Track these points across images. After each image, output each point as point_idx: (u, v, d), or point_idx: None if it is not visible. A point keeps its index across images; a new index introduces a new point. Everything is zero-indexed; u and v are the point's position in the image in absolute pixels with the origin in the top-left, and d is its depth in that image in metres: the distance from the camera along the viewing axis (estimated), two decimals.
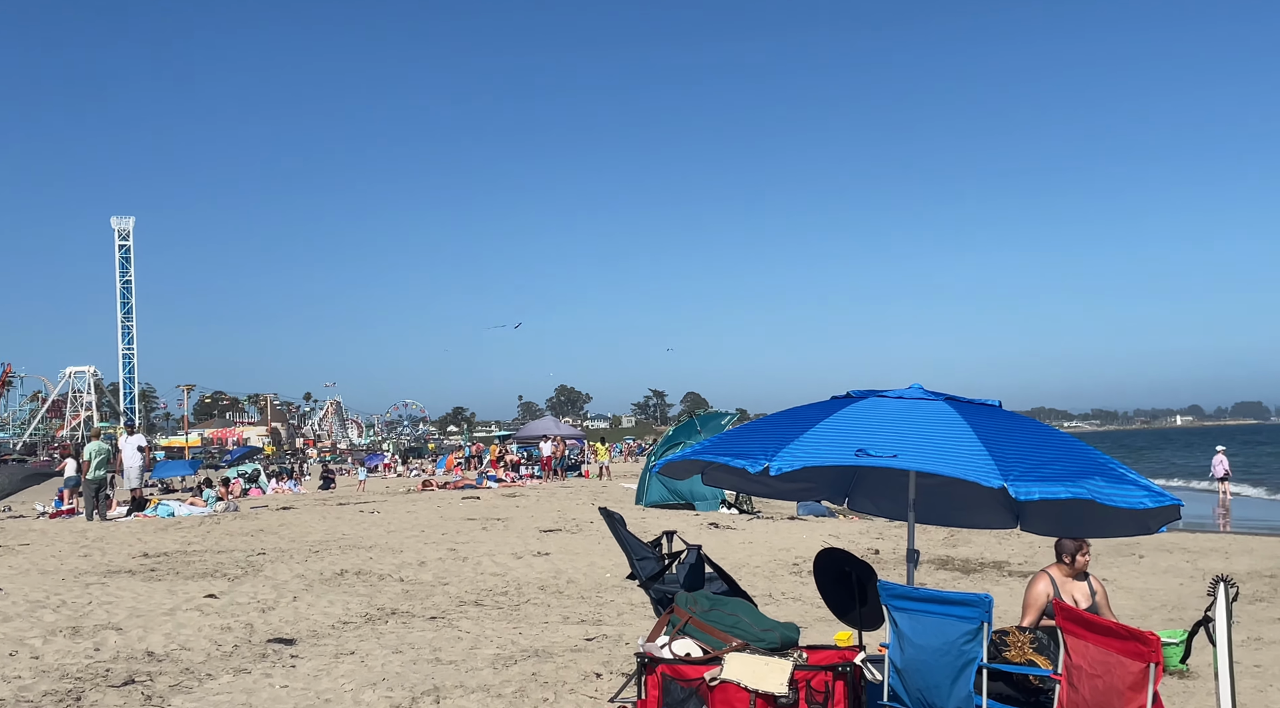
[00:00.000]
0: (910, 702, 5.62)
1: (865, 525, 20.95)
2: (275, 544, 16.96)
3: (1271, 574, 13.97)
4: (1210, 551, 16.92)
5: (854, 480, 7.78)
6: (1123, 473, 5.45)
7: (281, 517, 22.70)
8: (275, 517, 22.75)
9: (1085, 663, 5.01)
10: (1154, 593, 13.03)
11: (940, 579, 14.07)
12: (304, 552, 15.85)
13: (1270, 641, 10.16)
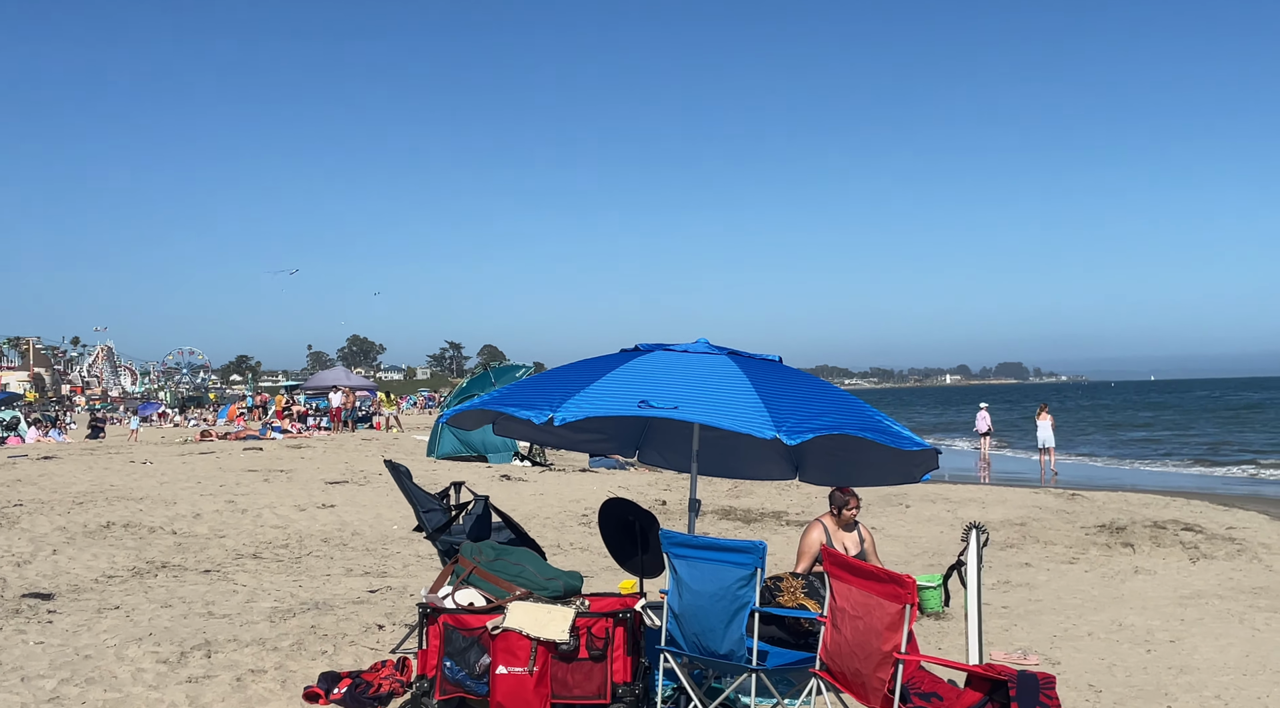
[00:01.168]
0: (686, 646, 5.80)
1: (654, 477, 21.40)
2: (34, 495, 15.91)
3: (1022, 522, 15.09)
4: (969, 501, 18.12)
5: (645, 434, 7.92)
6: (888, 425, 5.76)
7: (42, 467, 21.29)
8: (35, 467, 21.32)
9: (848, 606, 5.29)
10: (918, 540, 13.86)
11: (723, 529, 14.55)
12: (66, 503, 14.93)
13: (1018, 584, 10.99)
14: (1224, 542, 13.20)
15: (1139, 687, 7.15)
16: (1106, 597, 10.30)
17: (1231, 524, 15.24)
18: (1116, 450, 41.26)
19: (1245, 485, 26.64)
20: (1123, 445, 44.34)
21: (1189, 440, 46.16)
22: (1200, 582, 10.99)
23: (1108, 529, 14.08)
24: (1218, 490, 24.03)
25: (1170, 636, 8.61)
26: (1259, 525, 15.40)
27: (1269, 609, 9.57)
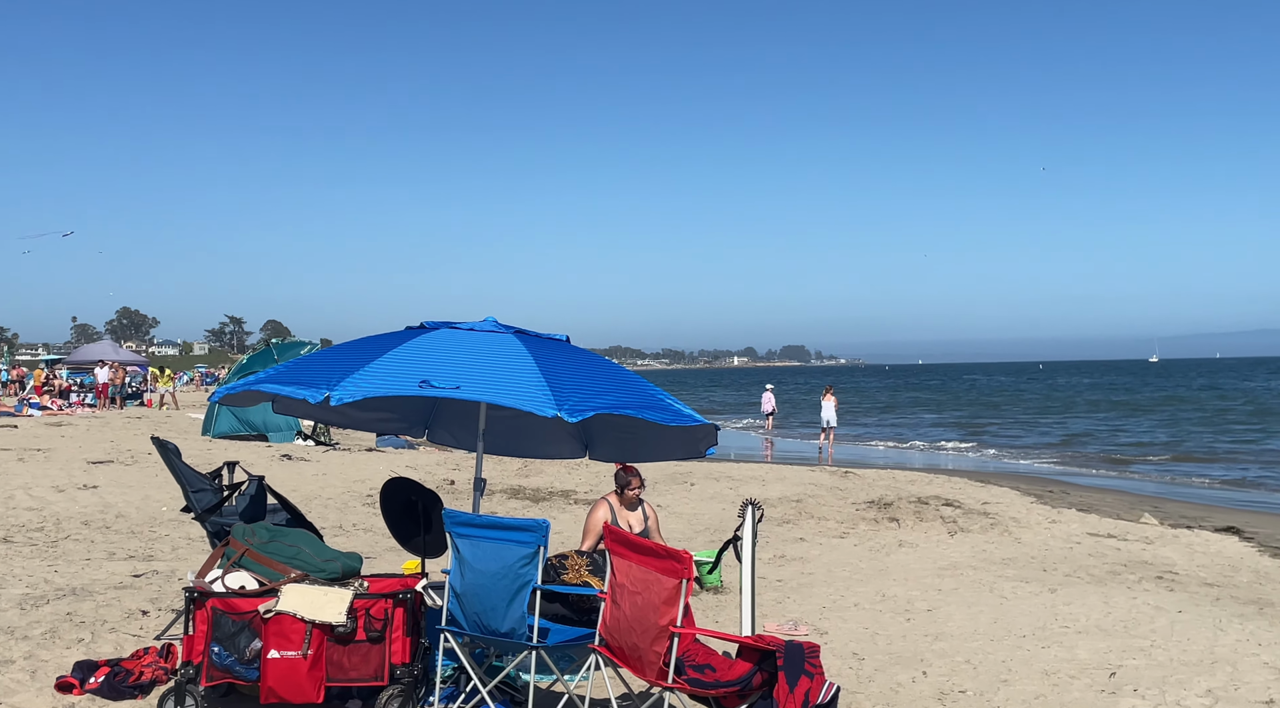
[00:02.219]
0: (467, 625, 5.77)
1: (444, 456, 21.16)
2: None
3: (799, 499, 15.73)
4: (751, 479, 18.74)
5: (434, 413, 7.81)
6: (670, 403, 5.89)
7: None
8: None
9: (628, 581, 5.39)
10: (701, 517, 14.25)
11: (511, 508, 14.55)
12: None
13: (792, 558, 11.46)
14: (979, 516, 14.14)
15: (898, 654, 7.59)
16: (873, 569, 10.87)
17: (987, 500, 16.34)
18: (886, 430, 43.56)
19: (999, 463, 28.64)
20: (892, 426, 46.86)
21: (950, 421, 49.22)
22: (957, 554, 11.74)
23: (876, 505, 14.84)
24: (975, 468, 25.74)
25: (928, 605, 9.17)
26: (1011, 501, 16.58)
27: (1016, 579, 10.32)
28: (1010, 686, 6.78)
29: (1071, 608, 9.00)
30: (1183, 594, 9.74)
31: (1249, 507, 19.16)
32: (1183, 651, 7.61)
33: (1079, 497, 18.69)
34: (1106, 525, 14.16)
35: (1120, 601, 9.29)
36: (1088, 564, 11.19)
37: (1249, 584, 10.47)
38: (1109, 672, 7.06)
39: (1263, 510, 18.54)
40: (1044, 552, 11.92)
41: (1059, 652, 7.60)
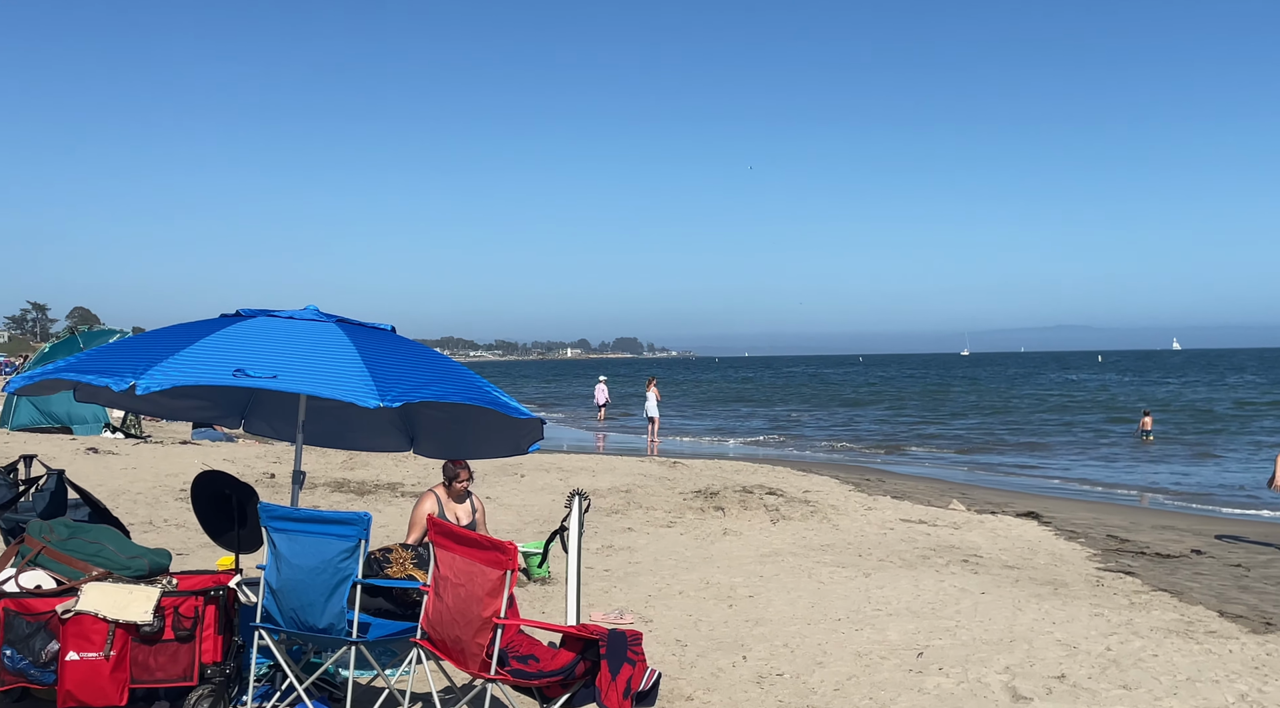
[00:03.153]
0: (284, 622, 5.61)
1: (264, 449, 20.46)
2: None
3: (628, 489, 15.89)
4: (581, 470, 18.82)
5: (251, 403, 7.54)
6: (496, 396, 5.85)
7: None
8: None
9: (451, 574, 5.33)
10: (530, 508, 14.23)
11: (335, 501, 14.19)
12: None
13: (620, 547, 11.56)
14: (800, 504, 14.57)
15: (720, 639, 7.76)
16: (698, 557, 11.07)
17: (808, 488, 16.87)
18: (713, 422, 44.43)
19: (822, 452, 29.60)
20: (718, 417, 47.82)
21: (774, 413, 50.57)
22: (779, 541, 12.07)
23: (703, 495, 15.12)
24: (798, 458, 26.52)
25: (750, 591, 9.41)
26: (830, 489, 17.16)
27: (833, 564, 10.69)
28: (825, 667, 7.02)
29: (884, 591, 9.38)
30: (986, 577, 10.27)
31: (1048, 493, 20.35)
32: (985, 630, 8.04)
33: (894, 485, 19.48)
34: (918, 512, 14.80)
35: (929, 584, 9.73)
36: (900, 549, 11.68)
37: (1046, 566, 11.12)
38: (917, 652, 7.39)
39: (1060, 496, 19.73)
40: (860, 538, 12.38)
41: (871, 634, 7.91)
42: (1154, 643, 7.69)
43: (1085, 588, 9.93)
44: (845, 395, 67.09)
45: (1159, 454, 28.41)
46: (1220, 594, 10.12)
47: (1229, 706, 6.27)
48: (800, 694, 6.45)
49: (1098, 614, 8.66)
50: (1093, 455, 28.42)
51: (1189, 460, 26.77)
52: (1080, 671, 6.95)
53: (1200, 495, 20.08)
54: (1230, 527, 15.33)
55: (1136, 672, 6.93)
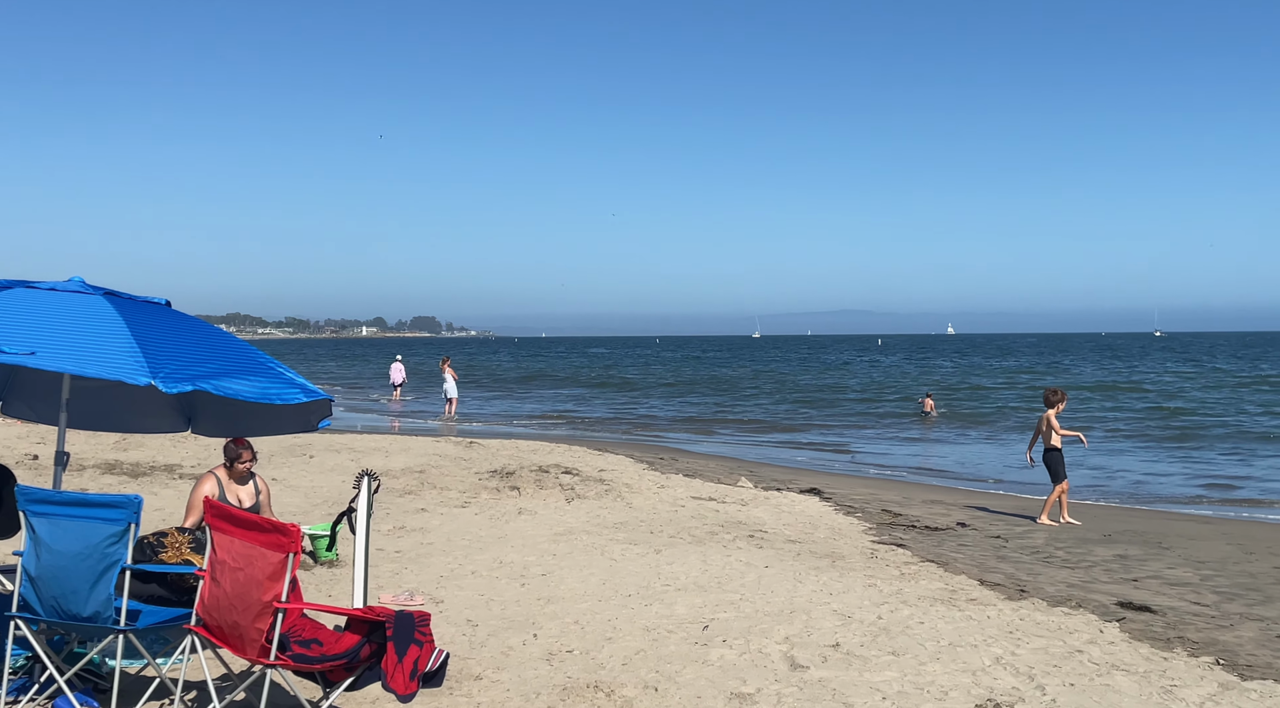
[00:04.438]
0: (44, 611, 5.28)
1: (26, 430, 19.13)
2: None
3: (422, 470, 15.67)
4: (374, 450, 18.44)
5: (9, 381, 7.04)
6: (281, 372, 5.66)
7: None
8: None
9: (229, 558, 5.14)
10: (319, 490, 13.84)
11: (106, 484, 13.42)
12: None
13: (413, 528, 11.40)
14: (595, 483, 14.74)
15: (511, 618, 7.77)
16: (492, 537, 11.04)
17: (604, 467, 17.06)
18: (511, 402, 44.34)
19: (618, 432, 29.99)
20: (517, 397, 47.76)
21: (571, 394, 50.90)
22: (573, 519, 12.17)
23: (499, 474, 15.08)
24: (594, 438, 26.79)
25: (543, 570, 9.45)
26: (625, 468, 17.42)
27: (626, 541, 10.86)
28: (614, 643, 7.14)
29: (674, 567, 9.61)
30: (770, 551, 10.66)
31: (830, 470, 21.28)
32: (767, 602, 8.35)
33: (686, 463, 19.94)
34: (708, 489, 15.22)
35: (716, 559, 10.03)
36: (690, 526, 11.98)
37: (825, 540, 11.63)
38: (703, 625, 7.61)
39: (842, 473, 20.66)
40: (652, 515, 12.62)
41: (660, 609, 8.09)
42: (921, 611, 8.17)
43: (861, 560, 10.44)
44: (640, 376, 68.12)
45: (936, 434, 30.13)
46: (981, 564, 10.84)
47: (985, 668, 6.73)
48: (589, 670, 6.54)
49: (871, 585, 9.13)
50: (874, 434, 29.88)
51: (962, 439, 28.50)
52: (853, 639, 7.32)
53: (968, 471, 21.42)
54: (993, 501, 16.41)
55: (904, 639, 7.35)
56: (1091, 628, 7.89)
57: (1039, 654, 7.05)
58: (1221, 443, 26.11)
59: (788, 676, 6.49)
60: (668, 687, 6.24)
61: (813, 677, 6.46)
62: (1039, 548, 12.12)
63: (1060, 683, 6.42)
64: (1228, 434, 27.91)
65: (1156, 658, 7.12)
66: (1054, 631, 7.74)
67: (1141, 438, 27.48)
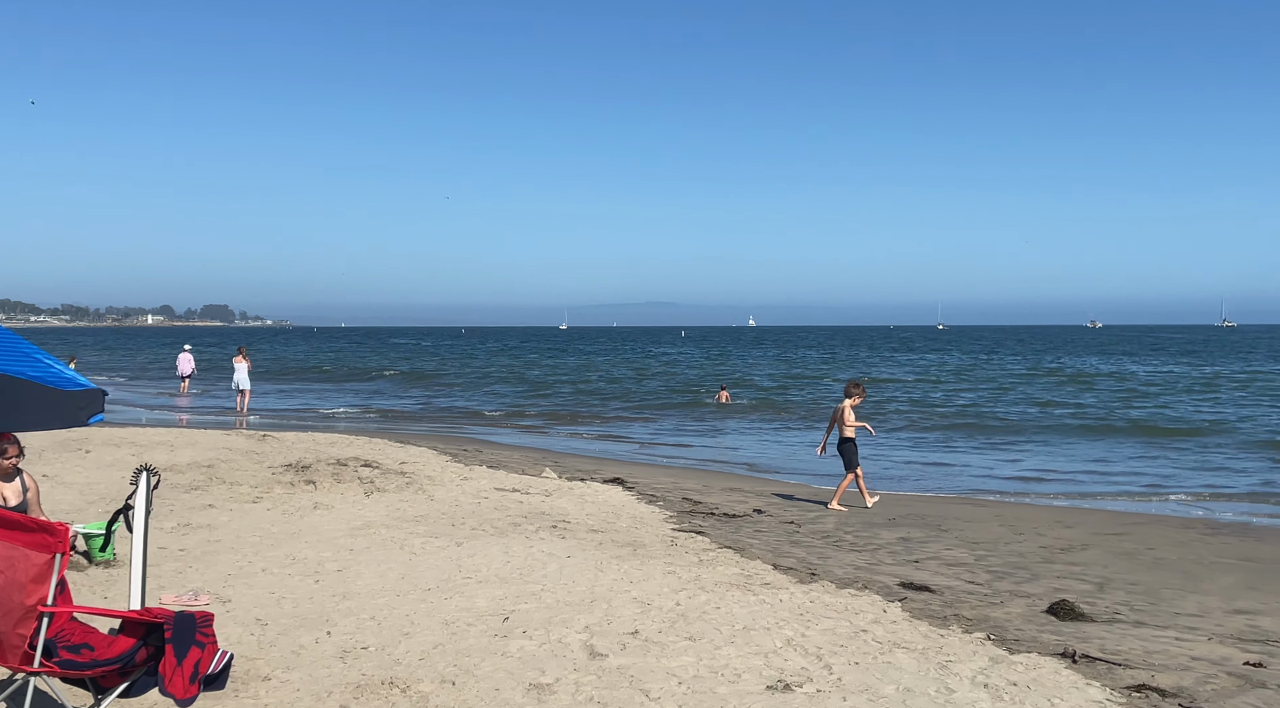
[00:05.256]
0: None
1: None
2: None
3: (210, 464, 14.99)
4: (158, 444, 17.51)
5: None
6: (47, 364, 5.29)
7: None
8: None
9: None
10: (96, 486, 13.04)
11: None
12: None
13: (199, 525, 10.89)
14: (396, 476, 14.45)
15: (304, 616, 7.52)
16: (285, 533, 10.67)
17: (405, 459, 16.75)
18: (307, 393, 42.98)
19: (420, 424, 29.50)
20: (314, 389, 46.34)
21: (374, 387, 49.80)
22: (372, 513, 11.89)
23: (294, 468, 14.58)
24: (396, 429, 26.26)
25: (339, 565, 9.19)
26: (428, 460, 17.15)
27: (427, 534, 10.69)
28: (411, 638, 7.01)
29: (475, 560, 9.51)
30: (573, 541, 10.70)
31: (634, 460, 21.55)
32: (568, 592, 8.37)
33: (491, 454, 19.80)
34: (512, 481, 15.15)
35: (519, 550, 9.99)
36: (493, 517, 11.90)
37: (627, 529, 11.77)
38: (503, 617, 7.57)
39: (645, 463, 20.94)
40: (454, 508, 12.47)
41: (460, 602, 8.00)
42: (717, 597, 8.37)
43: (661, 548, 10.60)
44: (444, 367, 67.23)
45: (733, 424, 30.92)
46: (775, 549, 11.19)
47: (777, 649, 6.95)
48: (384, 666, 6.39)
49: (670, 572, 9.29)
50: (674, 425, 30.42)
51: (758, 428, 29.35)
52: (652, 626, 7.42)
53: (765, 460, 22.09)
54: (788, 488, 16.98)
55: (701, 624, 7.50)
56: (876, 608, 8.27)
57: (827, 635, 7.33)
58: (1000, 434, 27.81)
59: (587, 664, 6.53)
60: (465, 680, 6.18)
61: (611, 664, 6.52)
62: (829, 533, 12.62)
63: (846, 662, 6.69)
64: (1006, 426, 29.75)
65: (934, 635, 7.52)
66: (841, 612, 8.07)
67: (918, 429, 28.97)
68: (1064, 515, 14.56)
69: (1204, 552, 12.02)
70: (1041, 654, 7.13)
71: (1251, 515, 15.08)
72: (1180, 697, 6.36)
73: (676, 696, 6.01)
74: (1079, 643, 7.55)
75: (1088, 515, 14.72)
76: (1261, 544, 12.63)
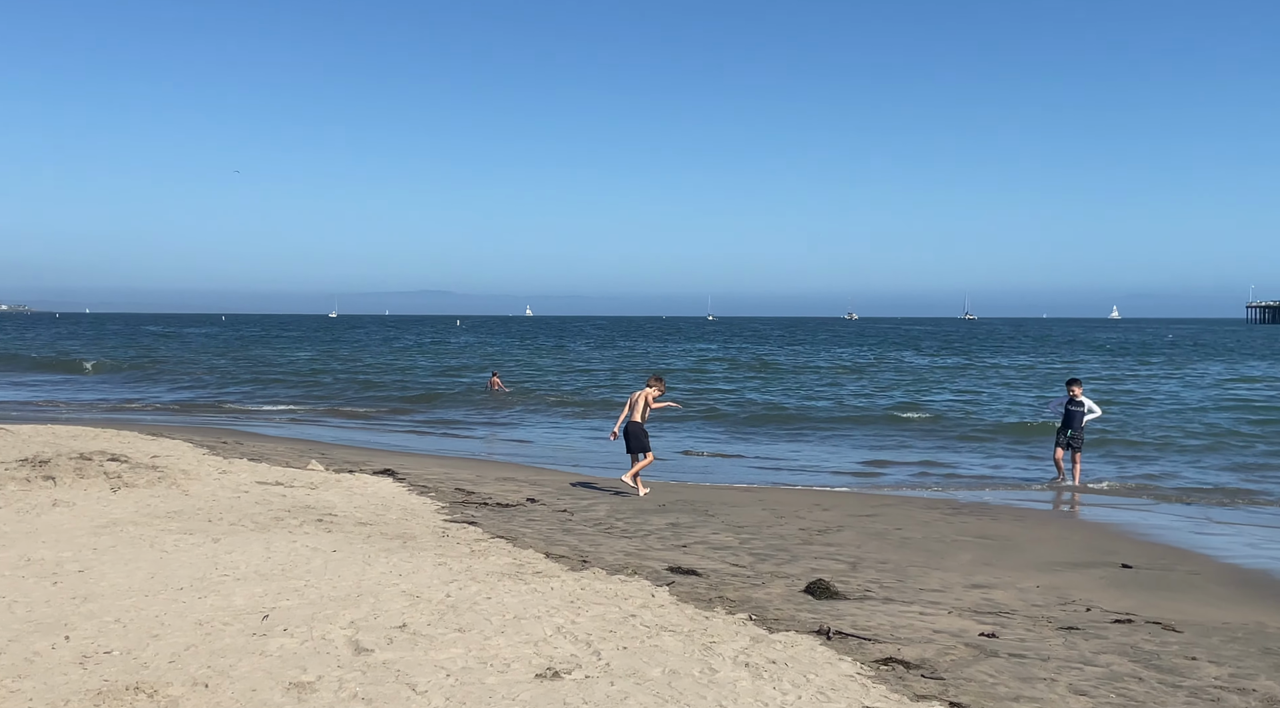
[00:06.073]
0: None
1: None
2: None
3: None
4: None
5: None
6: None
7: None
8: None
9: None
10: None
11: None
12: None
13: None
14: (147, 470, 13.61)
15: (39, 621, 6.98)
16: (19, 532, 9.87)
17: (157, 453, 15.82)
18: (53, 384, 40.03)
19: (176, 415, 27.96)
20: (60, 379, 43.19)
21: (124, 375, 46.89)
22: (119, 510, 11.17)
23: (30, 463, 13.51)
24: (146, 422, 24.81)
25: (80, 566, 8.58)
26: (182, 453, 16.26)
27: (180, 531, 10.13)
28: (161, 639, 6.62)
29: (233, 556, 9.09)
30: (339, 535, 10.39)
31: (406, 450, 21.15)
32: (333, 587, 8.12)
33: (252, 447, 18.98)
34: (275, 473, 14.57)
35: (281, 545, 9.61)
36: (254, 512, 11.40)
37: (397, 521, 11.53)
38: (263, 615, 7.26)
39: (415, 453, 20.60)
40: (211, 503, 11.87)
41: (216, 600, 7.61)
42: (489, 587, 8.31)
43: (432, 540, 10.44)
44: (203, 356, 64.02)
45: (507, 413, 30.82)
46: (548, 537, 11.23)
47: (547, 637, 6.96)
48: (130, 671, 6.01)
49: (441, 564, 9.16)
50: (448, 413, 30.06)
51: (531, 416, 29.37)
52: (421, 619, 7.29)
53: (538, 449, 22.13)
54: (562, 477, 17.08)
55: (471, 615, 7.43)
56: (645, 593, 8.42)
57: (597, 622, 7.41)
58: (767, 424, 28.87)
59: (351, 660, 6.35)
60: (220, 682, 5.88)
61: (377, 659, 6.37)
62: (601, 520, 12.77)
63: (614, 647, 6.78)
64: (780, 416, 30.90)
65: (700, 618, 7.72)
66: (611, 598, 8.17)
67: (693, 419, 29.76)
68: (822, 499, 15.27)
69: (946, 531, 12.87)
70: (799, 633, 7.44)
71: (988, 496, 16.27)
72: (923, 668, 6.77)
73: (444, 688, 5.93)
74: (833, 620, 7.93)
75: (843, 498, 15.50)
76: (997, 522, 13.64)
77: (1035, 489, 17.23)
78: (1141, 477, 18.43)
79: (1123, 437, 23.85)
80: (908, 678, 6.52)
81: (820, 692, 6.11)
